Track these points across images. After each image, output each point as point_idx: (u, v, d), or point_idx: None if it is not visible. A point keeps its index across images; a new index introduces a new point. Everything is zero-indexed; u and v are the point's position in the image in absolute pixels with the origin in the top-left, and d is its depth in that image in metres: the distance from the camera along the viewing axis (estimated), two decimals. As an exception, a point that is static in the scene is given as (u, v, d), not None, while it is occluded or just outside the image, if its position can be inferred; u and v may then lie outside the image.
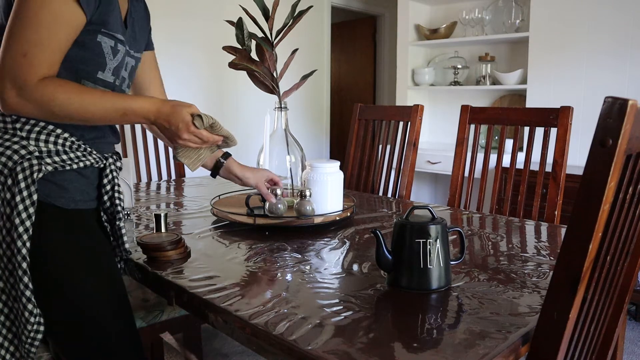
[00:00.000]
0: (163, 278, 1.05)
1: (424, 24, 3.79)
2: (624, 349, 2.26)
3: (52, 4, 0.91)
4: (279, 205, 1.39)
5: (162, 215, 1.31)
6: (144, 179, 2.45)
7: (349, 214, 1.50)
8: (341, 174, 1.48)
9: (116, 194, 1.10)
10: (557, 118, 1.67)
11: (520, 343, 0.77)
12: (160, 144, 2.45)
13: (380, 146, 2.15)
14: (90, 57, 1.01)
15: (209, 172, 1.46)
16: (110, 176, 1.09)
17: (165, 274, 1.06)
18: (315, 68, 4.29)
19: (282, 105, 1.59)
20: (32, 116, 0.94)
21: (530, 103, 3.14)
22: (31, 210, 0.93)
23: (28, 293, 0.92)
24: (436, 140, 3.89)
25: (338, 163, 1.47)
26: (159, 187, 2.12)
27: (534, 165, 1.84)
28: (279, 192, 1.38)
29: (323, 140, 4.41)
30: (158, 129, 1.06)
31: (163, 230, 1.31)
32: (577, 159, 2.88)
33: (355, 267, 1.11)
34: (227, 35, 3.59)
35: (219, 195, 1.70)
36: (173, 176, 2.42)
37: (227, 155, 1.44)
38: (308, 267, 1.10)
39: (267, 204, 1.39)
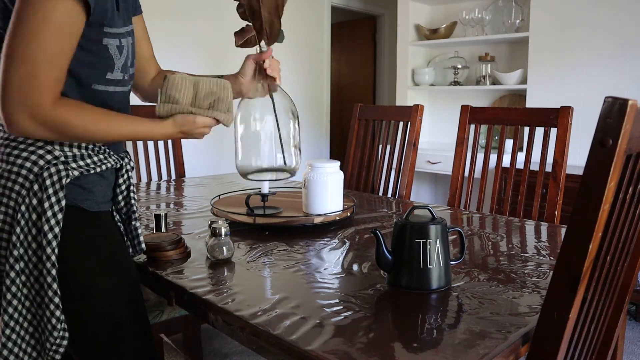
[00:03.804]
0: (163, 278, 1.05)
1: (424, 24, 3.79)
2: (624, 349, 2.26)
3: (55, 13, 0.86)
4: (223, 248, 1.13)
5: (162, 215, 1.31)
6: (144, 179, 2.45)
7: (349, 214, 1.50)
8: (341, 174, 1.48)
9: (131, 194, 1.09)
10: (557, 118, 1.67)
11: (520, 343, 0.77)
12: (160, 144, 2.44)
13: (380, 146, 2.15)
14: (98, 62, 0.98)
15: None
16: (125, 176, 1.08)
17: (165, 274, 1.06)
18: (315, 68, 4.30)
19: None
20: (40, 138, 0.93)
21: (530, 103, 3.14)
22: (60, 216, 0.92)
23: (57, 300, 0.91)
24: (436, 140, 3.89)
25: (338, 163, 1.47)
26: (159, 187, 2.12)
27: (534, 165, 1.84)
28: (224, 230, 1.14)
29: (323, 140, 4.41)
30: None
31: (163, 230, 1.31)
32: (577, 159, 2.88)
33: (355, 267, 1.11)
34: (226, 36, 3.59)
35: (219, 195, 1.70)
36: (173, 176, 2.42)
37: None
38: (308, 267, 1.10)
39: (208, 244, 1.15)
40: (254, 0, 1.14)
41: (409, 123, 2.05)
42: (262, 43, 1.22)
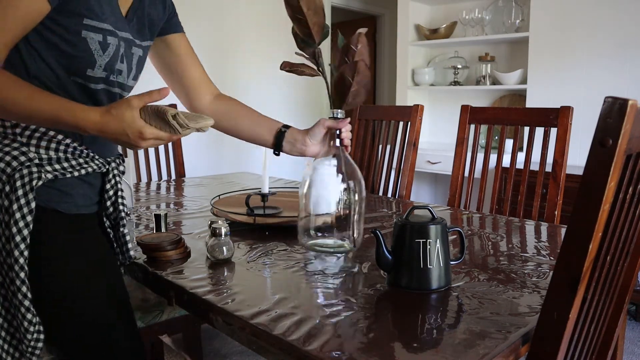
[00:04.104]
0: (163, 278, 1.05)
1: (424, 24, 3.79)
2: (624, 349, 2.26)
3: None
4: (223, 248, 1.13)
5: (162, 215, 1.31)
6: (144, 179, 2.45)
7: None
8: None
9: (119, 200, 1.08)
10: (557, 118, 1.67)
11: (520, 343, 0.77)
12: (160, 144, 2.44)
13: (380, 146, 2.15)
14: (77, 55, 0.96)
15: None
16: (113, 181, 1.07)
17: (165, 274, 1.06)
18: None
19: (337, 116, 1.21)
20: None
21: (530, 103, 3.14)
22: (29, 218, 0.91)
23: (27, 303, 0.91)
24: (436, 140, 3.89)
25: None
26: (159, 187, 2.12)
27: (534, 165, 1.84)
28: (224, 230, 1.12)
29: (323, 140, 4.41)
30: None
31: (163, 230, 1.31)
32: (577, 159, 2.88)
33: (355, 267, 1.11)
34: (226, 37, 3.59)
35: (219, 195, 1.70)
36: (173, 176, 2.42)
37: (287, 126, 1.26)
38: (308, 267, 1.10)
39: (208, 244, 1.14)
40: (349, 72, 1.11)
41: (409, 123, 2.05)
42: (339, 110, 1.18)
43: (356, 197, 1.15)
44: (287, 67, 1.21)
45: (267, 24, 3.80)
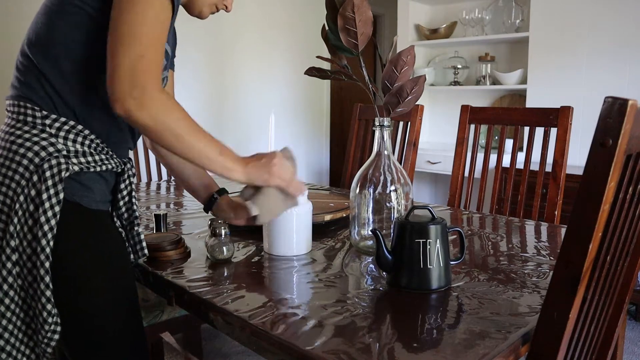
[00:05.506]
0: (163, 278, 1.05)
1: (424, 24, 3.79)
2: (624, 349, 2.26)
3: (155, 3, 0.90)
4: (223, 248, 1.14)
5: (162, 215, 1.31)
6: (144, 179, 2.45)
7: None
8: (310, 205, 1.21)
9: (133, 199, 1.09)
10: (557, 118, 1.67)
11: (520, 343, 0.77)
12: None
13: (380, 146, 2.15)
14: None
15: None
16: (127, 181, 1.08)
17: (165, 274, 1.06)
18: (315, 67, 4.29)
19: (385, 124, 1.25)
20: (138, 123, 0.91)
21: (530, 103, 3.14)
22: (57, 208, 0.92)
23: (48, 293, 0.91)
24: (436, 140, 3.89)
25: (306, 191, 1.15)
26: (159, 187, 2.12)
27: (534, 165, 1.84)
28: (224, 230, 1.13)
29: (323, 140, 4.41)
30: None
31: (163, 230, 1.31)
32: (577, 159, 2.88)
33: (355, 267, 1.11)
34: (226, 37, 3.59)
35: (219, 195, 1.70)
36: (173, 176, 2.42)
37: (222, 192, 1.29)
38: (308, 268, 1.10)
39: (208, 244, 1.15)
40: (409, 84, 1.14)
41: (409, 123, 2.05)
42: (386, 119, 1.24)
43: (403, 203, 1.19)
44: (312, 72, 1.26)
45: (266, 24, 3.80)
